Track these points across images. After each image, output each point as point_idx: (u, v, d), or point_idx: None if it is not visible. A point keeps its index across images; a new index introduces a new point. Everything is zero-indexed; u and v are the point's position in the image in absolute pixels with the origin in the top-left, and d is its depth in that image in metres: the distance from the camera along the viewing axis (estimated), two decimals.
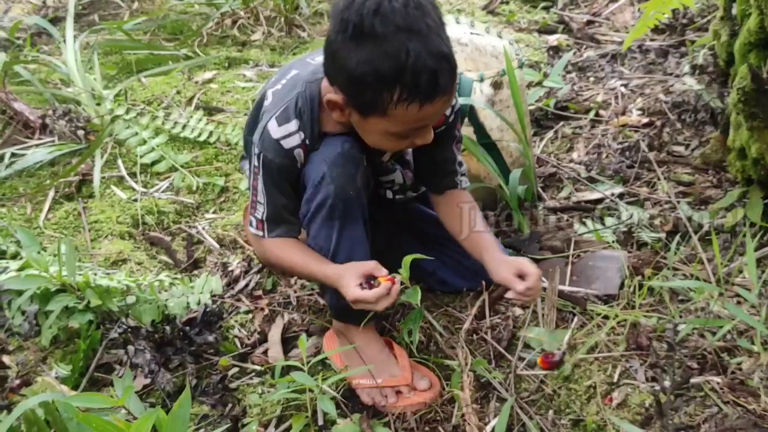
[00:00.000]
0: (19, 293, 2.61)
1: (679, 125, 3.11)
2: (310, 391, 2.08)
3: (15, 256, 2.83)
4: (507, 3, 4.24)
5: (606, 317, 2.37)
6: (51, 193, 3.21)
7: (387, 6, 1.83)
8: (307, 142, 2.18)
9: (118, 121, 3.42)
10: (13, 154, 3.32)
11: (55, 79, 3.79)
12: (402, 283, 2.11)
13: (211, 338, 2.50)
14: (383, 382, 2.25)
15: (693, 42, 3.61)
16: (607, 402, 2.15)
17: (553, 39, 3.90)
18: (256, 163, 2.22)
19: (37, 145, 3.37)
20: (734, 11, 2.61)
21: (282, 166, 2.21)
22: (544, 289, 2.47)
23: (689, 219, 2.63)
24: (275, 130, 2.15)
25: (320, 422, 2.14)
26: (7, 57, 3.71)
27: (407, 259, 2.09)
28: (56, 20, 4.27)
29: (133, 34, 4.11)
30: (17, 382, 2.43)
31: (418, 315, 2.27)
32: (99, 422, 1.50)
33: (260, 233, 2.29)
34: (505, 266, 2.23)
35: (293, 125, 2.14)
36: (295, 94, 2.16)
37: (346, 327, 2.36)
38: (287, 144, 2.17)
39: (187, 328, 2.51)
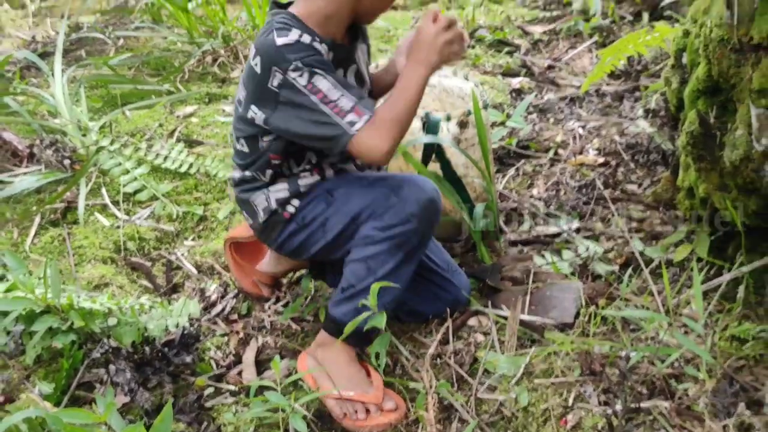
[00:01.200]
0: (5, 314, 2.60)
1: (632, 165, 3.15)
2: (282, 410, 2.08)
3: (1, 279, 2.82)
4: (473, 47, 4.28)
5: (562, 344, 2.39)
6: (37, 219, 3.20)
7: None
8: (317, 39, 2.13)
9: (103, 152, 3.42)
10: (1, 181, 3.31)
11: (43, 110, 3.79)
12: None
13: (188, 359, 2.50)
14: (355, 396, 2.25)
15: (646, 87, 3.66)
16: (563, 424, 2.17)
17: (515, 82, 3.94)
18: (300, 76, 2.10)
19: (24, 173, 3.37)
20: (684, 60, 2.65)
21: (320, 54, 2.13)
22: (505, 317, 2.50)
23: (641, 253, 2.66)
24: (286, 39, 2.10)
25: None
26: None
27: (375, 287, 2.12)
28: (45, 55, 4.27)
29: (118, 70, 4.12)
30: (1, 398, 2.42)
31: (385, 339, 2.29)
32: None
33: (367, 115, 2.12)
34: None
35: (295, 32, 2.09)
36: (271, 23, 2.14)
37: (332, 342, 2.32)
38: (305, 40, 2.10)
39: (166, 349, 2.51)
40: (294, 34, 2.08)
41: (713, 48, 2.34)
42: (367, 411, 2.26)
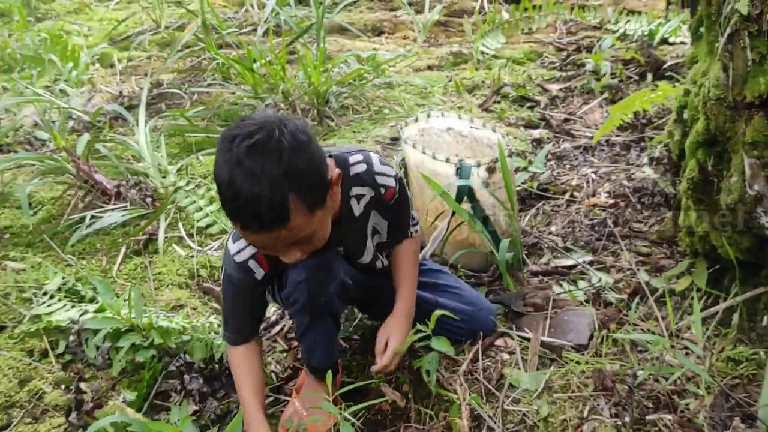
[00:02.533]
0: (95, 332, 2.65)
1: (639, 206, 3.14)
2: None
3: (92, 300, 2.86)
4: (499, 102, 4.29)
5: (578, 363, 2.39)
6: (123, 249, 3.24)
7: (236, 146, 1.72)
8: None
9: (180, 191, 3.46)
10: (92, 216, 3.35)
11: (128, 155, 3.84)
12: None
13: None
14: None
15: (651, 138, 3.65)
16: None
17: (536, 133, 3.94)
18: (222, 278, 2.18)
19: (112, 210, 3.40)
20: (685, 115, 2.65)
21: (239, 280, 2.11)
22: (528, 339, 2.49)
23: (647, 283, 2.65)
24: (231, 247, 2.08)
25: None
26: (90, 137, 3.76)
27: (436, 314, 2.22)
28: (130, 107, 4.33)
29: (192, 120, 4.17)
30: (91, 405, 2.44)
31: (434, 359, 2.30)
32: None
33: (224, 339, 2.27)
34: (383, 333, 2.30)
35: (243, 240, 2.04)
36: None
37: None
38: (240, 258, 2.06)
39: None
40: (238, 246, 2.08)
41: (711, 105, 2.34)
42: None
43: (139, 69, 5.10)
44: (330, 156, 2.05)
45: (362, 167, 2.14)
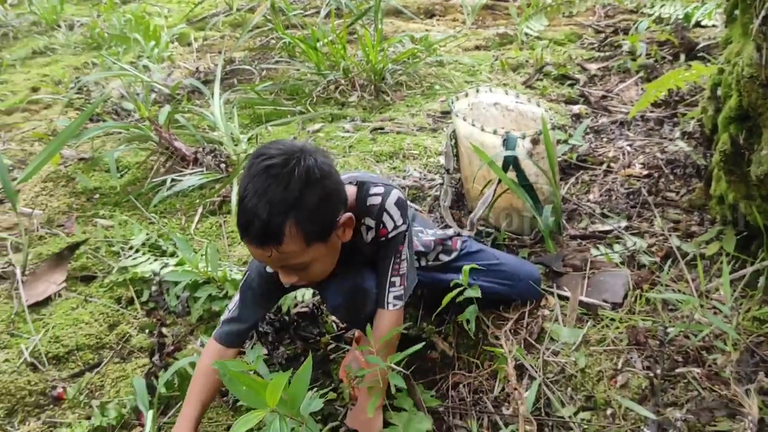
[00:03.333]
0: (175, 283, 2.69)
1: (671, 177, 3.09)
2: None
3: (172, 255, 2.90)
4: (541, 80, 4.24)
5: (613, 320, 2.37)
6: (199, 210, 3.28)
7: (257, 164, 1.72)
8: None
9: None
10: (172, 180, 3.39)
11: (204, 125, 3.87)
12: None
13: (315, 331, 2.53)
14: None
15: (683, 114, 3.58)
16: (612, 384, 2.15)
17: (575, 108, 3.89)
18: (245, 278, 2.10)
19: (190, 174, 3.43)
20: (719, 92, 2.60)
21: (259, 286, 2.07)
22: (567, 297, 2.47)
23: (678, 248, 2.61)
24: None
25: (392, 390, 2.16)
26: (170, 108, 3.79)
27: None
28: (206, 82, 4.35)
29: (262, 94, 4.18)
30: (172, 348, 2.48)
31: (473, 309, 2.30)
32: (246, 379, 1.54)
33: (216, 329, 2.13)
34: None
35: None
36: None
37: None
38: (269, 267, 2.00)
39: (299, 319, 2.55)
40: None
41: (744, 83, 2.29)
42: None
43: (214, 47, 5.12)
44: (356, 183, 2.01)
45: (377, 200, 1.99)
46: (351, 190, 1.97)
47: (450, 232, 2.45)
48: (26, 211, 3.30)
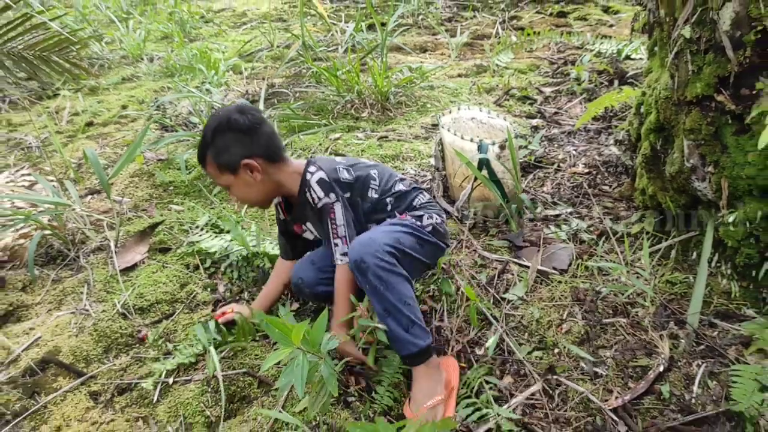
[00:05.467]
0: (229, 255, 2.70)
1: (606, 174, 3.09)
2: None
3: (228, 233, 2.90)
4: (508, 100, 4.22)
5: (560, 282, 2.37)
6: None
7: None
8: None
9: None
10: None
11: None
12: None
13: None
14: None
15: (616, 126, 3.57)
16: (559, 330, 2.16)
17: (534, 121, 3.87)
18: None
19: None
20: (642, 110, 2.59)
21: (276, 216, 2.37)
22: (526, 265, 2.48)
23: (610, 228, 2.62)
24: None
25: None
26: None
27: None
28: (253, 101, 4.35)
29: (295, 111, 4.18)
30: (227, 302, 2.50)
31: (447, 282, 2.31)
32: (277, 324, 1.55)
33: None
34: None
35: None
36: None
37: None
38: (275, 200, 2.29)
39: None
40: None
41: (661, 103, 2.29)
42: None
43: (259, 75, 5.10)
44: (312, 162, 2.10)
45: (308, 176, 2.05)
46: (302, 165, 2.11)
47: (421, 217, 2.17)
48: (118, 199, 3.31)
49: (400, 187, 2.21)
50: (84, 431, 1.99)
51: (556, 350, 2.09)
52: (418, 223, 2.10)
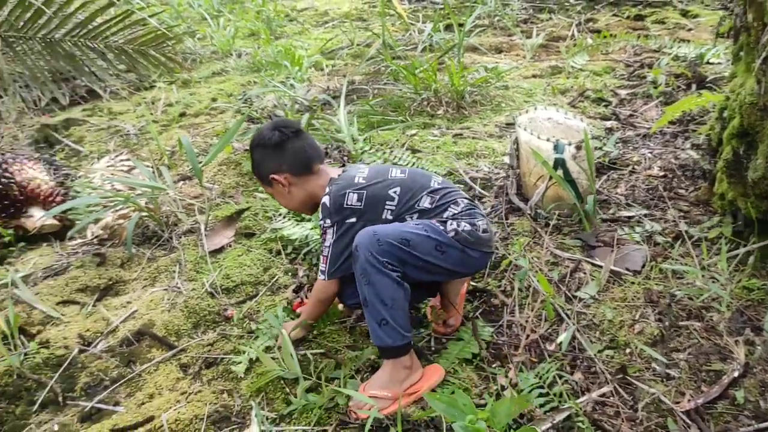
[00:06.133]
0: (308, 243, 2.72)
1: (682, 178, 2.99)
2: None
3: (309, 221, 2.94)
4: (583, 102, 4.12)
5: (633, 283, 2.32)
6: None
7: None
8: None
9: (365, 153, 3.51)
10: None
11: (332, 128, 3.91)
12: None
13: None
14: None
15: (694, 130, 3.45)
16: (631, 331, 2.11)
17: (608, 123, 3.77)
18: None
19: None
20: (725, 114, 2.49)
21: None
22: (599, 265, 2.43)
23: (686, 232, 2.53)
24: None
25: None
26: (309, 115, 3.85)
27: None
28: (334, 97, 4.39)
29: (374, 107, 4.20)
30: (307, 286, 2.54)
31: (524, 273, 2.28)
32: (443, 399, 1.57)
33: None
34: None
35: None
36: None
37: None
38: None
39: None
40: None
41: (745, 108, 2.20)
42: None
43: (340, 72, 5.16)
44: (332, 181, 2.11)
45: (323, 196, 2.06)
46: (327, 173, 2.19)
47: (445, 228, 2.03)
48: (208, 185, 3.41)
49: (425, 203, 2.05)
50: (174, 400, 2.07)
51: (628, 350, 2.04)
52: (441, 227, 1.98)
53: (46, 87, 4.93)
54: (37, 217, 3.06)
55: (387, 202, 2.03)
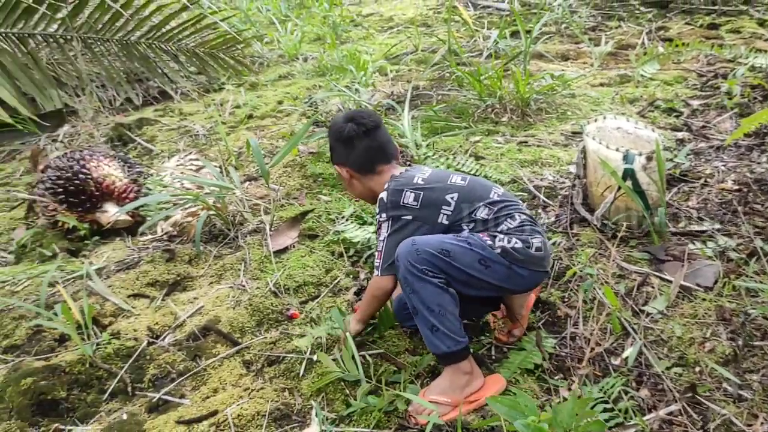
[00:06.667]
0: (369, 246, 2.73)
1: (758, 192, 2.86)
2: None
3: (371, 224, 2.97)
4: (652, 111, 4.02)
5: (704, 299, 2.24)
6: None
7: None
8: None
9: (428, 159, 3.51)
10: None
11: (396, 133, 3.91)
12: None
13: None
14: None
15: None
16: (701, 348, 2.04)
17: (679, 134, 3.66)
18: None
19: None
20: None
21: None
22: (668, 279, 2.36)
23: (761, 248, 2.43)
24: None
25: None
26: None
27: None
28: (398, 102, 4.40)
29: (437, 113, 4.19)
30: None
31: (589, 285, 2.24)
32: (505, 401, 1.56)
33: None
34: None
35: None
36: None
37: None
38: None
39: None
40: None
41: None
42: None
43: (404, 77, 5.17)
44: (393, 177, 2.15)
45: (381, 192, 2.11)
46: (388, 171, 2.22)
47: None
48: (273, 186, 3.48)
49: (482, 214, 2.02)
50: (237, 395, 2.12)
51: (698, 369, 1.98)
52: (489, 242, 1.94)
53: (121, 87, 5.13)
54: (112, 213, 3.18)
55: (443, 207, 2.04)
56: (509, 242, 1.94)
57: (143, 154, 4.27)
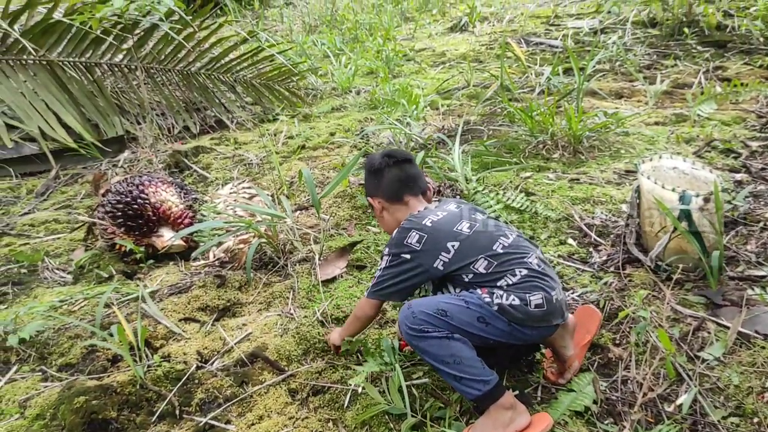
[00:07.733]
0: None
1: None
2: None
3: None
4: (709, 152, 3.94)
5: (763, 347, 2.16)
6: None
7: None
8: None
9: (478, 194, 3.51)
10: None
11: (446, 167, 3.95)
12: None
13: None
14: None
15: None
16: (760, 398, 1.97)
17: (738, 176, 3.57)
18: None
19: (436, 200, 3.51)
20: None
21: None
22: (724, 325, 2.29)
23: None
24: None
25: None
26: (423, 153, 3.89)
27: None
28: (449, 136, 4.43)
29: (488, 148, 4.20)
30: None
31: (643, 327, 2.19)
32: None
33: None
34: None
35: None
36: None
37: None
38: None
39: None
40: None
41: None
42: None
43: (455, 112, 5.21)
44: (409, 216, 2.19)
45: (396, 230, 2.17)
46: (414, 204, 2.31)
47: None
48: (323, 216, 3.52)
49: (480, 267, 1.99)
50: (282, 424, 2.13)
51: (756, 419, 1.90)
52: (487, 299, 1.93)
53: (180, 116, 5.31)
54: (167, 237, 3.27)
55: (442, 253, 2.04)
56: (507, 299, 1.92)
57: (198, 181, 4.39)
